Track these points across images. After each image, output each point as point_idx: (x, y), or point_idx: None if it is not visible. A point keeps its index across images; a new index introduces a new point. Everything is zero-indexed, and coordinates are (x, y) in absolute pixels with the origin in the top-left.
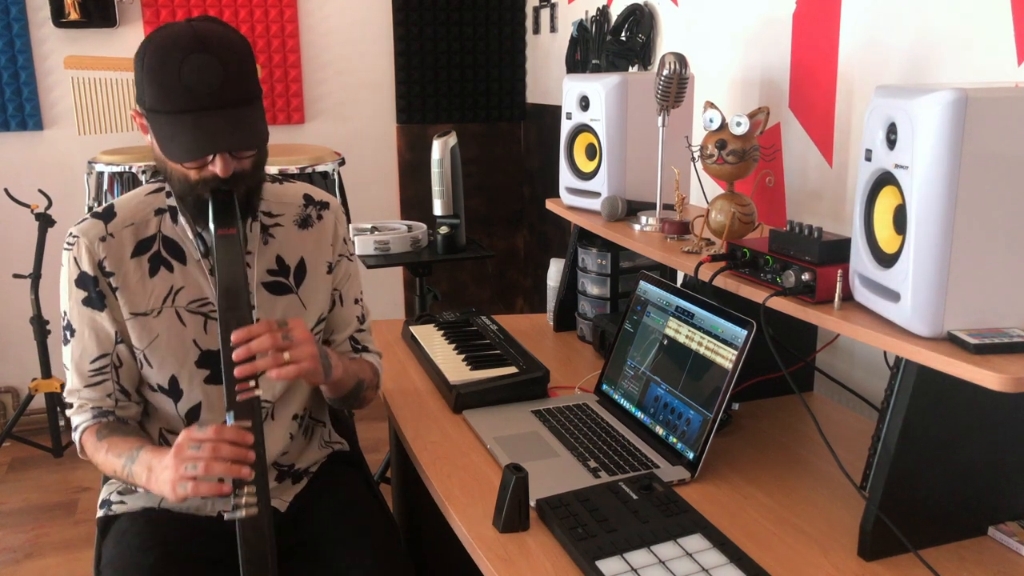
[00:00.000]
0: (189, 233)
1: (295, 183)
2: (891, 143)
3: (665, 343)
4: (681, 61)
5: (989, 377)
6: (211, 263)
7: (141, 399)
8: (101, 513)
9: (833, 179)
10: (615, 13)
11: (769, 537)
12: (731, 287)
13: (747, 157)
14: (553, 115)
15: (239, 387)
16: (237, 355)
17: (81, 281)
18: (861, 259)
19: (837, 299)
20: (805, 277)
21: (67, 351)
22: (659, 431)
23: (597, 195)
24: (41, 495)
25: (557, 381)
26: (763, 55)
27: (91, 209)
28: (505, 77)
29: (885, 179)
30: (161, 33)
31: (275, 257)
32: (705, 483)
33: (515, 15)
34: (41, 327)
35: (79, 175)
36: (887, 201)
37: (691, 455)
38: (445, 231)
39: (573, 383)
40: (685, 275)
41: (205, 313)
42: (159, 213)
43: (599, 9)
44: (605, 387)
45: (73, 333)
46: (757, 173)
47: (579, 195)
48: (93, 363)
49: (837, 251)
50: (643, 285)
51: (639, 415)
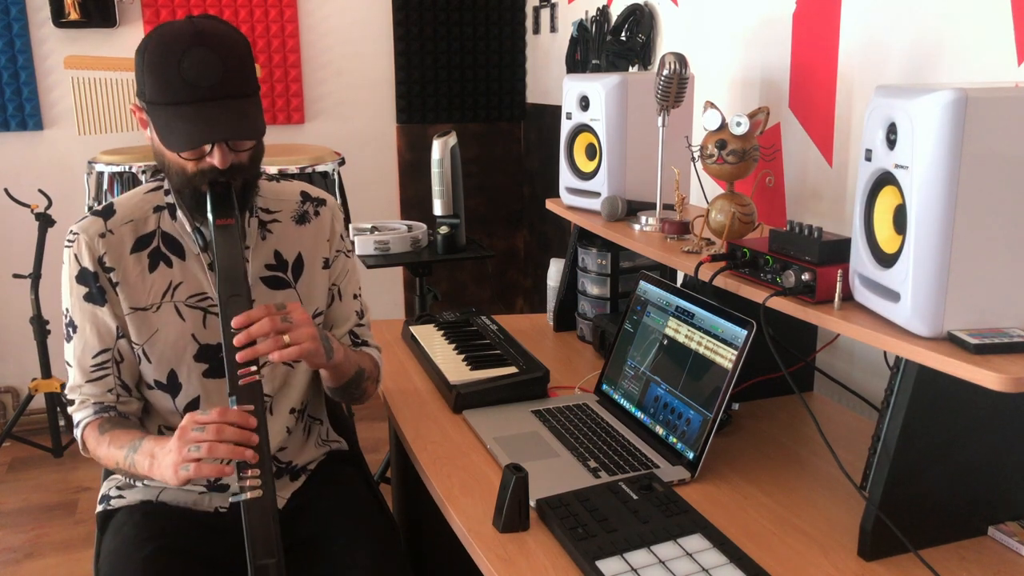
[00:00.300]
0: (188, 228)
1: (292, 181)
2: (891, 143)
3: (665, 343)
4: (681, 61)
5: (989, 377)
6: (210, 257)
7: (141, 396)
8: (100, 508)
9: (833, 179)
10: (615, 13)
11: (769, 537)
12: (731, 287)
13: (747, 157)
14: (553, 115)
15: (241, 372)
16: (238, 340)
17: (82, 277)
18: (861, 259)
19: (837, 299)
20: (805, 277)
21: (69, 348)
22: (659, 431)
23: (597, 195)
24: (41, 495)
25: (557, 381)
26: (763, 55)
27: (91, 208)
28: (505, 77)
29: (885, 179)
30: (162, 29)
31: (273, 252)
32: (705, 483)
33: (515, 15)
34: (41, 327)
35: (79, 175)
36: (887, 201)
37: (691, 455)
38: (445, 231)
39: (573, 383)
40: (685, 275)
41: (204, 308)
42: (158, 210)
43: (599, 9)
44: (605, 387)
45: (75, 329)
46: (757, 173)
47: (579, 195)
48: (95, 358)
49: (837, 251)
50: (643, 285)
51: (639, 415)
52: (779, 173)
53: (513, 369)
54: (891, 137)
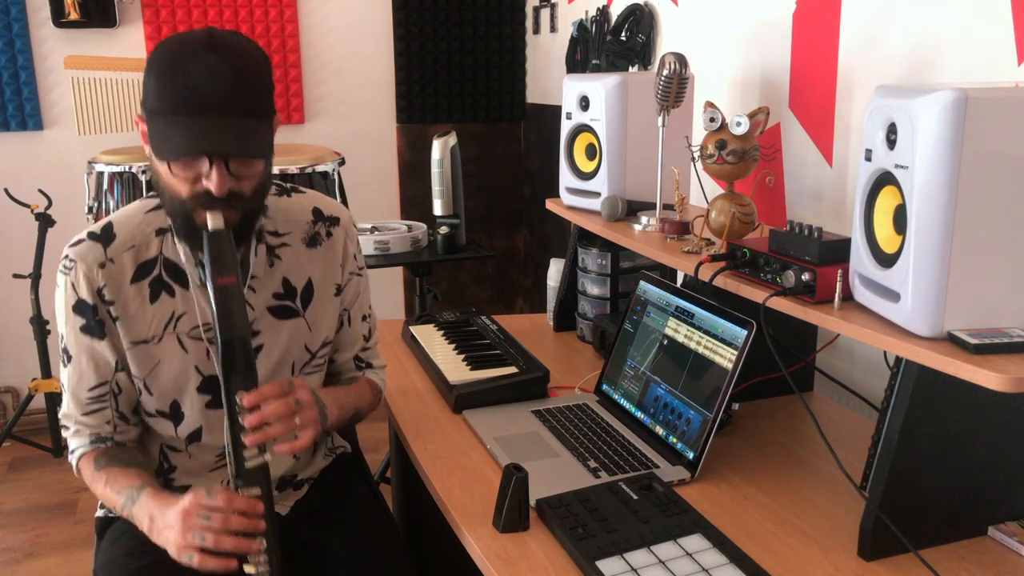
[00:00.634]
0: (190, 257)
1: (303, 194)
2: (891, 143)
3: (665, 343)
4: (681, 61)
5: (989, 377)
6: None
7: (139, 421)
8: (100, 513)
9: (833, 179)
10: (615, 13)
11: (769, 537)
12: (731, 287)
13: (747, 157)
14: (553, 115)
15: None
16: (250, 421)
17: (79, 308)
18: (861, 259)
19: (837, 299)
20: (805, 277)
21: (64, 374)
22: (659, 431)
23: (597, 195)
24: (41, 495)
25: (557, 381)
26: (763, 55)
27: (91, 209)
28: (505, 77)
29: (885, 179)
30: (178, 35)
31: (281, 280)
32: (705, 483)
33: (515, 15)
34: (41, 327)
35: (79, 175)
36: (887, 201)
37: (691, 455)
38: (445, 231)
39: (573, 383)
40: (685, 275)
41: (207, 339)
42: (160, 233)
43: (599, 9)
44: (605, 387)
45: (70, 358)
46: (757, 173)
47: (579, 195)
48: (91, 391)
49: (837, 251)
50: (643, 285)
51: (639, 415)
52: (779, 173)
53: (513, 369)
54: (891, 137)
